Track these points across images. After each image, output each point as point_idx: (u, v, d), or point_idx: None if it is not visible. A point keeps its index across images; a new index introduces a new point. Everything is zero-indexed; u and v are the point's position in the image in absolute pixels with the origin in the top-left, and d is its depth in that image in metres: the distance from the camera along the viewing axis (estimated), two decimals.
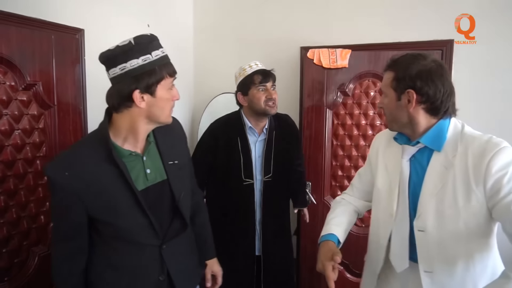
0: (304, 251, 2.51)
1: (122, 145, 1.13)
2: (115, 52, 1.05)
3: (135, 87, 1.05)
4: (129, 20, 2.12)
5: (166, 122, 1.18)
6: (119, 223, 1.11)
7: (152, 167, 1.19)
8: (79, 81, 1.78)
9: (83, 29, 1.78)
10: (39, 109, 1.63)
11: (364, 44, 2.31)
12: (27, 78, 1.55)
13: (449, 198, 1.08)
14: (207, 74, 2.78)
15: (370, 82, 2.33)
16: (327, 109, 2.41)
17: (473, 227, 1.07)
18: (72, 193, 1.06)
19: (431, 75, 1.08)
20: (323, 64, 2.30)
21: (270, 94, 1.81)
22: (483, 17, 2.07)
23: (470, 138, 1.09)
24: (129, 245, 1.15)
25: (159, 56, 1.09)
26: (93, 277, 1.18)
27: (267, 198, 1.91)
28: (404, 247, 1.18)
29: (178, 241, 1.24)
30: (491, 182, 1.02)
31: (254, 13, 2.59)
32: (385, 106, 1.19)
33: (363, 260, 1.42)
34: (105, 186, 1.09)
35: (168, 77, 1.11)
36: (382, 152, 1.30)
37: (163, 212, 1.20)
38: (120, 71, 1.05)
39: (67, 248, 1.14)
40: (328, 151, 2.42)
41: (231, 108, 2.57)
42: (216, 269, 1.48)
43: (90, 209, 1.10)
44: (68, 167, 1.06)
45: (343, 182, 2.44)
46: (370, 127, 2.37)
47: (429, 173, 1.13)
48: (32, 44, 1.56)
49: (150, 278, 1.19)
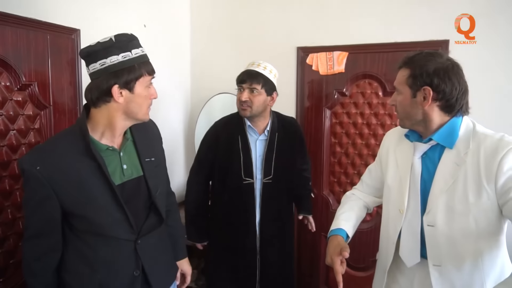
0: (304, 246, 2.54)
1: (100, 140, 1.15)
2: (96, 48, 1.08)
3: (114, 82, 1.08)
4: (126, 20, 2.11)
5: (143, 119, 1.20)
6: (95, 217, 1.11)
7: (129, 163, 1.21)
8: (75, 81, 1.78)
9: (79, 29, 1.78)
10: (35, 110, 1.63)
11: (361, 44, 2.31)
12: (23, 78, 1.55)
13: (459, 195, 1.09)
14: (204, 74, 2.78)
15: (366, 83, 2.36)
16: (325, 108, 2.46)
17: (483, 224, 1.08)
18: (47, 187, 1.05)
19: (448, 72, 1.10)
20: (320, 72, 2.41)
21: (242, 97, 1.81)
22: (482, 17, 2.07)
23: (482, 136, 1.10)
24: (104, 240, 1.15)
25: (139, 55, 1.12)
26: (66, 273, 1.17)
27: (265, 199, 1.91)
28: (416, 242, 1.19)
29: (153, 237, 1.25)
30: (502, 180, 1.03)
31: (251, 13, 2.60)
32: (398, 103, 1.19)
33: (359, 254, 1.44)
34: (82, 180, 1.09)
35: (147, 75, 1.14)
36: (393, 149, 1.32)
37: (138, 207, 1.21)
38: (100, 67, 1.07)
39: (40, 245, 1.13)
40: (327, 148, 2.50)
41: (228, 108, 2.59)
42: (186, 269, 1.52)
43: (65, 203, 1.09)
44: (44, 160, 1.06)
45: (341, 178, 2.51)
46: (366, 126, 2.40)
47: (440, 169, 1.14)
48: (28, 44, 1.56)
49: (124, 273, 1.19)
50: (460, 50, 2.10)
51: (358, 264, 2.44)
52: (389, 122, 2.34)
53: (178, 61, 2.68)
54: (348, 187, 2.48)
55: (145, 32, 2.26)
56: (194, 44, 2.79)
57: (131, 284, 1.20)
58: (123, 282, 1.19)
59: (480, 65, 2.08)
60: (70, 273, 1.17)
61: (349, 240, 1.32)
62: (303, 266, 2.57)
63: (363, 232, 2.31)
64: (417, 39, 2.19)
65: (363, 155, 2.42)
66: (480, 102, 2.06)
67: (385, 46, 2.26)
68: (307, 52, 2.45)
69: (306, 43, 2.45)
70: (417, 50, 1.19)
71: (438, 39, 2.15)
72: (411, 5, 2.20)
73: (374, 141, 2.38)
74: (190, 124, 2.83)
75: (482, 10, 2.06)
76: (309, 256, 2.55)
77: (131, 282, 1.20)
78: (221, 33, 2.71)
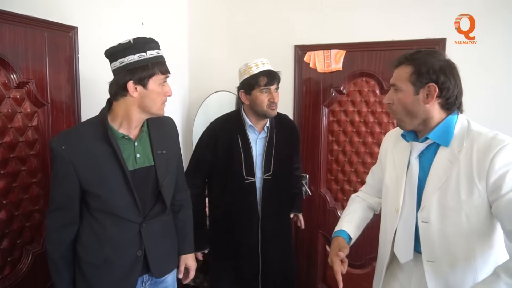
0: (301, 243, 2.56)
1: (118, 129, 1.30)
2: (117, 49, 1.24)
3: (130, 78, 1.23)
4: (123, 18, 2.11)
5: (157, 114, 1.34)
6: (107, 197, 1.26)
7: (142, 153, 1.35)
8: (72, 79, 1.78)
9: (76, 27, 1.78)
10: (32, 107, 1.63)
11: (358, 42, 2.32)
12: (20, 76, 1.55)
13: (452, 192, 1.11)
14: (202, 72, 2.78)
15: (364, 81, 2.37)
16: (323, 106, 2.47)
17: (474, 222, 1.09)
18: (69, 165, 1.22)
19: (452, 70, 1.12)
20: (318, 69, 2.42)
21: (273, 98, 1.81)
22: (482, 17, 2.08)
23: (476, 133, 1.11)
24: (113, 219, 1.29)
25: (153, 55, 1.26)
26: (79, 245, 1.32)
27: (265, 196, 1.91)
28: (410, 239, 1.21)
29: (158, 223, 1.39)
30: (494, 178, 1.04)
31: (249, 11, 2.60)
32: (397, 101, 1.18)
33: (356, 252, 1.48)
34: (98, 162, 1.24)
35: (160, 74, 1.27)
36: (391, 150, 1.34)
37: (147, 194, 1.35)
38: (119, 64, 1.23)
39: (62, 217, 1.29)
40: (324, 146, 2.51)
41: (225, 106, 2.60)
42: (190, 263, 1.59)
43: (83, 182, 1.25)
44: (68, 141, 1.24)
45: (338, 176, 2.52)
46: (363, 124, 2.41)
47: (434, 167, 1.16)
48: (25, 42, 1.56)
49: (129, 251, 1.33)
50: (460, 50, 2.11)
51: (355, 261, 2.45)
52: (386, 120, 2.35)
53: (176, 59, 2.67)
54: (345, 184, 2.49)
55: (143, 29, 2.25)
56: (191, 42, 2.79)
57: (134, 263, 1.33)
58: (127, 260, 1.32)
59: (480, 65, 2.09)
60: (82, 245, 1.32)
61: (352, 241, 1.35)
62: (300, 263, 2.58)
63: None
64: (414, 37, 2.19)
65: (360, 153, 2.43)
66: (480, 102, 2.09)
67: (382, 44, 2.27)
68: (304, 50, 2.45)
69: (303, 41, 2.46)
70: (414, 48, 1.20)
71: (435, 38, 2.16)
72: (409, 3, 2.21)
73: (371, 139, 2.39)
74: (188, 122, 2.84)
75: (482, 10, 2.07)
76: (306, 253, 2.57)
77: (133, 261, 1.33)
78: (218, 31, 2.70)
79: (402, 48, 2.22)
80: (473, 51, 2.10)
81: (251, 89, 1.82)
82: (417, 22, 2.19)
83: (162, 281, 1.48)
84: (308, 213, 2.41)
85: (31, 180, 1.64)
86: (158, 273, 1.42)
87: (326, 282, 2.59)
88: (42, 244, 1.67)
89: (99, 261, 1.30)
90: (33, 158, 1.64)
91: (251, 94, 1.83)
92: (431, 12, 2.16)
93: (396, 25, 2.24)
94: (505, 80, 2.08)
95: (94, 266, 1.31)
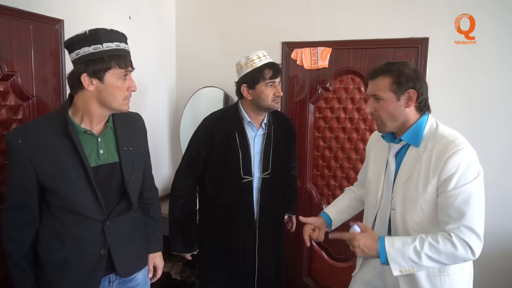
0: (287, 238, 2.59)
1: (80, 123, 1.25)
2: (73, 40, 1.19)
3: (83, 70, 1.18)
4: (110, 11, 2.10)
5: (120, 109, 1.28)
6: (67, 194, 1.21)
7: (106, 149, 1.30)
8: (58, 72, 1.76)
9: (62, 20, 1.76)
10: (17, 100, 1.61)
11: (344, 40, 2.36)
12: (4, 68, 1.53)
13: (413, 185, 1.29)
14: (190, 67, 2.78)
15: (349, 79, 2.41)
16: (309, 103, 2.50)
17: (427, 212, 1.27)
18: (26, 159, 1.17)
19: (422, 77, 1.31)
20: (304, 66, 2.46)
21: (278, 91, 1.76)
22: (482, 16, 2.13)
23: (439, 136, 1.28)
24: (74, 217, 1.24)
25: (110, 48, 1.19)
26: (38, 245, 1.27)
27: (263, 196, 1.85)
28: (384, 226, 1.41)
29: (122, 221, 1.34)
30: (444, 177, 1.21)
31: (237, 7, 2.61)
32: (380, 108, 1.33)
33: (341, 246, 1.64)
34: (58, 157, 1.19)
35: (117, 67, 1.21)
36: (374, 148, 1.53)
37: (110, 191, 1.30)
38: (75, 56, 1.19)
39: (19, 216, 1.24)
40: (310, 143, 2.55)
41: (213, 102, 2.61)
42: (158, 262, 1.57)
43: (41, 177, 1.20)
44: (26, 135, 1.18)
45: (324, 171, 2.57)
46: (349, 120, 2.45)
47: (403, 163, 1.35)
48: (10, 34, 1.54)
49: (91, 250, 1.28)
50: (460, 50, 2.15)
51: (340, 255, 2.52)
52: (370, 117, 2.39)
53: (163, 53, 2.67)
54: (330, 180, 2.54)
55: (130, 24, 2.24)
56: (179, 37, 2.79)
57: (97, 262, 1.28)
58: (89, 259, 1.28)
59: (480, 65, 2.13)
60: (41, 245, 1.26)
61: (334, 222, 1.61)
62: (286, 257, 2.60)
63: (344, 224, 2.37)
64: (399, 36, 2.24)
65: (345, 149, 2.48)
66: (480, 102, 2.15)
67: (367, 42, 2.31)
68: (291, 47, 2.48)
69: (291, 38, 2.48)
70: (385, 62, 1.35)
71: (419, 37, 2.21)
72: (394, 3, 2.25)
73: (356, 135, 2.44)
74: (176, 117, 2.84)
75: (482, 10, 2.09)
76: (293, 247, 2.60)
77: (96, 260, 1.28)
78: (206, 26, 2.71)
79: (387, 47, 2.28)
80: (475, 51, 2.13)
81: (255, 83, 1.74)
82: (401, 21, 2.24)
83: (132, 279, 1.43)
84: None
85: None
86: (124, 273, 1.37)
87: (312, 276, 2.64)
88: None
89: (60, 261, 1.25)
90: None
91: (255, 89, 1.75)
92: (415, 12, 2.21)
93: (381, 24, 2.28)
94: (505, 80, 2.11)
95: (55, 265, 1.26)
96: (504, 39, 2.08)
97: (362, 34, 2.32)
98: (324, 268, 2.59)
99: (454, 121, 1.42)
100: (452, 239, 1.17)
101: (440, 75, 2.20)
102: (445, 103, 2.20)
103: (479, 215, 1.20)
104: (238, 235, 1.85)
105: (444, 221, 1.21)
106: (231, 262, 1.87)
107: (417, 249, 1.18)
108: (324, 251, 2.58)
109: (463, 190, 1.18)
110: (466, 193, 1.18)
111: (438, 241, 1.18)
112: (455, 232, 1.18)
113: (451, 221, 1.19)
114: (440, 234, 1.19)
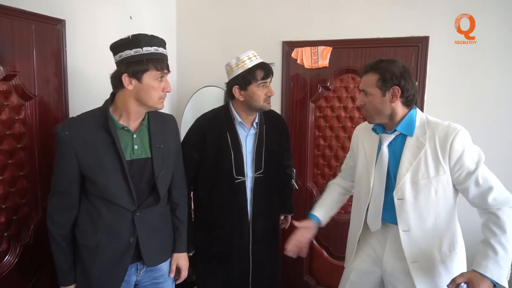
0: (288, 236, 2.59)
1: (118, 120, 1.38)
2: (117, 43, 1.33)
3: (124, 71, 1.31)
4: (112, 11, 2.10)
5: (155, 107, 1.41)
6: (103, 183, 1.34)
7: (140, 145, 1.41)
8: (60, 72, 1.77)
9: (64, 20, 1.77)
10: (19, 100, 1.62)
11: (345, 39, 2.36)
12: (7, 68, 1.54)
13: (422, 171, 1.38)
14: (190, 67, 2.79)
15: (350, 78, 2.42)
16: (310, 102, 2.51)
17: (441, 194, 1.38)
18: (71, 150, 1.31)
19: (409, 75, 1.39)
20: (305, 65, 2.47)
21: (270, 92, 1.78)
22: (482, 17, 2.13)
23: (434, 124, 1.40)
24: (108, 205, 1.37)
25: (149, 52, 1.32)
26: (76, 229, 1.41)
27: (257, 195, 1.85)
28: (378, 213, 1.49)
29: (151, 213, 1.45)
30: (455, 158, 1.34)
31: (237, 6, 2.61)
32: (367, 103, 1.43)
33: (342, 244, 1.66)
34: (98, 149, 1.32)
35: (154, 69, 1.33)
36: (362, 141, 1.59)
37: (142, 184, 1.41)
38: (118, 58, 1.33)
39: (62, 201, 1.37)
40: (311, 141, 2.57)
41: (214, 101, 2.61)
42: (182, 263, 1.61)
43: (82, 166, 1.33)
44: (72, 128, 1.33)
45: (325, 170, 2.58)
46: (349, 119, 2.46)
47: (405, 153, 1.42)
48: (12, 35, 1.55)
49: (122, 238, 1.39)
50: (460, 50, 2.16)
51: (340, 253, 2.51)
52: None
53: None
54: (331, 179, 2.54)
55: (131, 23, 2.25)
56: (180, 37, 2.80)
57: (126, 249, 1.40)
58: (119, 246, 1.39)
59: (480, 65, 2.14)
60: (79, 229, 1.40)
61: (322, 220, 1.68)
62: (287, 256, 2.61)
63: (344, 222, 2.37)
64: (399, 35, 2.25)
65: (346, 148, 2.49)
66: (480, 101, 2.16)
67: (368, 41, 2.32)
68: (292, 47, 2.49)
69: (291, 37, 2.49)
70: (377, 58, 1.43)
71: (419, 36, 2.22)
72: (394, 2, 2.26)
73: None
74: (176, 117, 2.81)
75: (482, 10, 2.10)
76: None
77: (126, 247, 1.40)
78: (207, 26, 2.72)
79: (387, 45, 2.29)
80: (475, 51, 2.14)
81: (247, 84, 1.74)
82: (401, 20, 2.25)
83: (157, 269, 1.52)
84: (295, 207, 2.40)
85: (19, 173, 1.63)
86: (150, 262, 1.47)
87: (312, 274, 2.65)
88: (30, 237, 1.67)
89: (92, 244, 1.37)
90: (21, 151, 1.63)
91: (247, 90, 1.75)
92: (415, 10, 2.22)
93: (381, 23, 2.29)
94: (505, 80, 2.12)
95: (88, 248, 1.38)
96: (504, 39, 2.09)
97: (362, 33, 2.32)
98: (324, 266, 2.60)
99: (453, 120, 1.42)
100: (505, 211, 1.30)
101: (440, 73, 2.22)
102: (444, 102, 2.21)
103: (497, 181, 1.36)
104: (232, 235, 1.85)
105: (484, 201, 1.33)
106: (226, 262, 1.88)
107: (503, 254, 1.25)
108: (324, 249, 2.59)
109: (479, 170, 1.32)
110: (483, 169, 1.33)
111: (502, 226, 1.27)
112: (499, 206, 1.31)
113: (490, 198, 1.31)
114: (492, 219, 1.31)
